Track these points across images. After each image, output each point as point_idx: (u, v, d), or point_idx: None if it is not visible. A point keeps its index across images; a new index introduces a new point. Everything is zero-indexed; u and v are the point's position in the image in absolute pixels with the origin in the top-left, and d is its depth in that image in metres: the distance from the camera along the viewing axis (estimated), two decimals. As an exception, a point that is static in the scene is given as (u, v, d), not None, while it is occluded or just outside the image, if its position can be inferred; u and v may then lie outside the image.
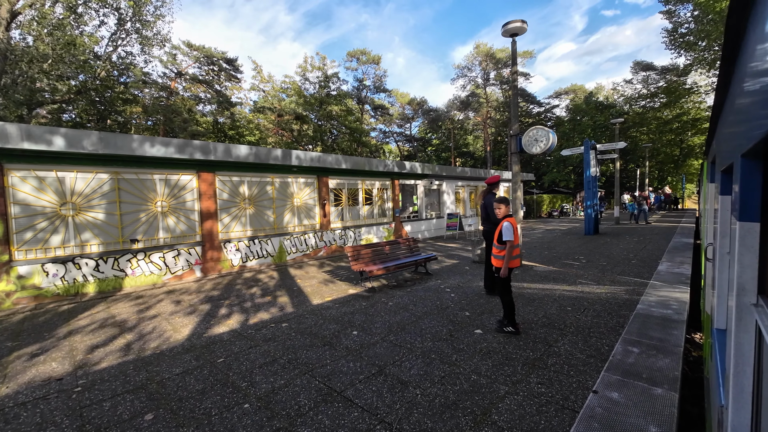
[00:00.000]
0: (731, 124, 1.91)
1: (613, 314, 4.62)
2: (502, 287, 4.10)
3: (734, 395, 1.42)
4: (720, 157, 2.66)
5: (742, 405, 1.40)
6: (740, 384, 1.40)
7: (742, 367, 1.40)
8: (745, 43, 1.42)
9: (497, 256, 4.11)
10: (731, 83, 1.96)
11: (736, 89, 1.74)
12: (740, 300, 1.41)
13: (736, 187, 1.48)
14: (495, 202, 4.27)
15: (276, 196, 10.26)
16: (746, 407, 1.39)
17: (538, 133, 7.42)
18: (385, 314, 5.01)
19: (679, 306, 4.75)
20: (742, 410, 1.40)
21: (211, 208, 8.78)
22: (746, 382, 1.38)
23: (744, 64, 1.43)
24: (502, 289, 4.10)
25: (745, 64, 1.40)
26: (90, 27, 22.47)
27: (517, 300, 5.38)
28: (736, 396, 1.41)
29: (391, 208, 14.12)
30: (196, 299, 6.39)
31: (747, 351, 1.39)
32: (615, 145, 14.14)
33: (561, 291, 5.82)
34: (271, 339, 4.25)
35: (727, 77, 2.00)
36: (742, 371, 1.40)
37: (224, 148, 8.51)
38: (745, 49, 1.40)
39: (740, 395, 1.40)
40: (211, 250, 8.78)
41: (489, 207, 5.68)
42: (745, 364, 1.39)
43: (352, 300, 5.85)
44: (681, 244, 9.91)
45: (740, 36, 1.48)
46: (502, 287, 4.10)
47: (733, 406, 1.44)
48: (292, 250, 10.54)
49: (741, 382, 1.40)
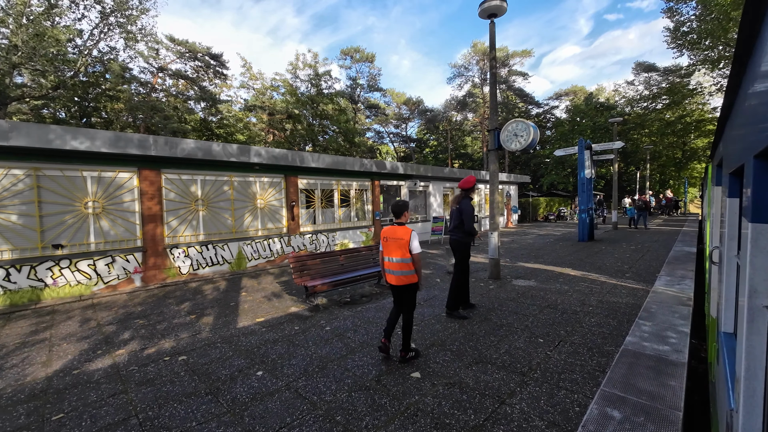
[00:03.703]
0: (742, 126, 1.85)
1: (594, 350, 3.65)
2: (414, 307, 3.64)
3: (745, 399, 1.39)
4: (728, 160, 2.54)
5: (753, 408, 1.37)
6: (752, 387, 1.36)
7: (754, 370, 1.35)
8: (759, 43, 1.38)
9: (401, 272, 3.47)
10: (742, 84, 1.87)
11: (747, 90, 1.68)
12: (752, 302, 1.36)
13: (747, 189, 1.46)
14: (399, 206, 3.56)
15: (235, 196, 9.31)
16: (758, 411, 1.35)
17: (517, 126, 6.45)
18: (313, 344, 4.04)
19: (678, 339, 3.76)
20: (754, 414, 1.37)
21: (155, 210, 7.84)
22: (758, 386, 1.35)
23: (757, 64, 1.40)
24: (413, 308, 3.64)
25: (758, 65, 1.37)
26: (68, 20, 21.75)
27: (482, 325, 4.41)
28: (747, 399, 1.38)
29: (370, 210, 13.17)
30: (109, 317, 5.44)
31: (759, 354, 1.34)
32: (612, 145, 13.15)
33: (536, 314, 4.84)
34: (148, 382, 3.29)
35: (738, 77, 1.92)
36: (754, 374, 1.35)
37: (166, 141, 7.57)
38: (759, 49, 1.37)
39: (752, 399, 1.37)
40: (154, 256, 7.83)
41: (466, 214, 4.76)
42: (756, 368, 1.35)
43: (285, 322, 4.89)
44: (683, 253, 8.90)
45: (753, 36, 1.43)
46: (413, 307, 3.62)
47: (744, 410, 1.40)
48: (254, 256, 9.59)
49: (752, 385, 1.36)
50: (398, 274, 3.45)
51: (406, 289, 3.50)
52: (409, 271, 3.42)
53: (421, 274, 3.47)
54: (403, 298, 3.55)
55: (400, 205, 3.54)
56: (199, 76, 26.09)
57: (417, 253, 3.39)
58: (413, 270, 3.42)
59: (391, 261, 3.48)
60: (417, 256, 3.40)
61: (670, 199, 25.45)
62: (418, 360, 3.55)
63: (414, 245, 3.38)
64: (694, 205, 38.43)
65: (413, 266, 3.41)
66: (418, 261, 3.41)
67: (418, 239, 3.42)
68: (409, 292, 3.52)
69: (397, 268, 3.44)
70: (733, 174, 2.22)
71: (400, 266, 3.43)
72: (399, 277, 3.45)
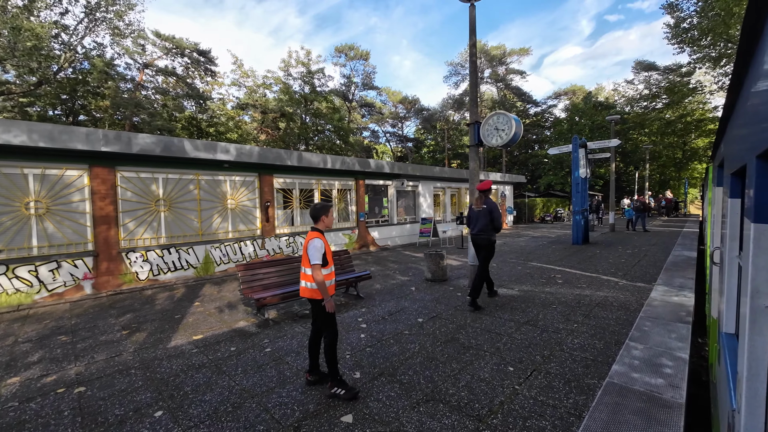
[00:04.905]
0: (744, 126, 1.81)
1: (572, 384, 3.02)
2: (330, 326, 2.95)
3: (747, 399, 1.38)
4: (730, 160, 2.54)
5: (755, 408, 1.36)
6: (754, 388, 1.36)
7: (756, 370, 1.35)
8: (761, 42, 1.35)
9: (305, 283, 3.01)
10: (744, 83, 1.80)
11: (750, 89, 1.61)
12: (754, 303, 1.35)
13: (749, 189, 1.46)
14: (316, 210, 3.03)
15: (202, 196, 8.68)
16: (760, 411, 1.35)
17: (498, 120, 5.82)
18: (242, 372, 3.41)
19: (674, 369, 3.14)
20: (756, 414, 1.37)
21: (109, 211, 7.22)
22: (760, 386, 1.34)
23: (759, 63, 1.38)
24: (330, 328, 2.95)
25: (760, 64, 1.36)
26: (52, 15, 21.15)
27: (446, 348, 3.78)
28: (750, 400, 1.38)
29: (355, 211, 12.53)
30: (33, 332, 4.82)
31: (761, 354, 1.33)
32: (608, 143, 12.51)
33: (512, 333, 4.21)
34: (17, 425, 2.66)
35: (740, 77, 1.86)
36: (756, 375, 1.35)
37: (118, 136, 6.94)
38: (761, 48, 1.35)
39: (754, 399, 1.37)
40: (107, 261, 7.20)
41: (496, 212, 5.13)
42: (758, 368, 1.34)
43: (225, 341, 4.26)
44: (682, 259, 8.27)
45: (756, 34, 1.39)
46: (329, 325, 2.95)
47: (746, 410, 1.40)
48: (223, 260, 8.96)
49: (755, 385, 1.36)
50: (303, 284, 3.01)
51: (315, 303, 2.97)
52: (312, 283, 2.90)
53: (324, 290, 2.85)
54: (317, 316, 3.03)
55: (318, 208, 3.02)
56: (188, 73, 25.47)
57: (314, 264, 2.81)
58: None
59: (303, 270, 3.01)
60: (315, 271, 2.81)
61: (670, 200, 24.78)
62: (371, 387, 2.95)
63: (310, 254, 2.83)
64: (695, 206, 37.75)
65: None
66: (317, 275, 2.81)
67: (319, 249, 2.84)
68: (318, 308, 2.96)
69: (302, 278, 3.01)
70: (735, 174, 2.21)
71: (304, 276, 2.99)
72: (303, 288, 3.01)
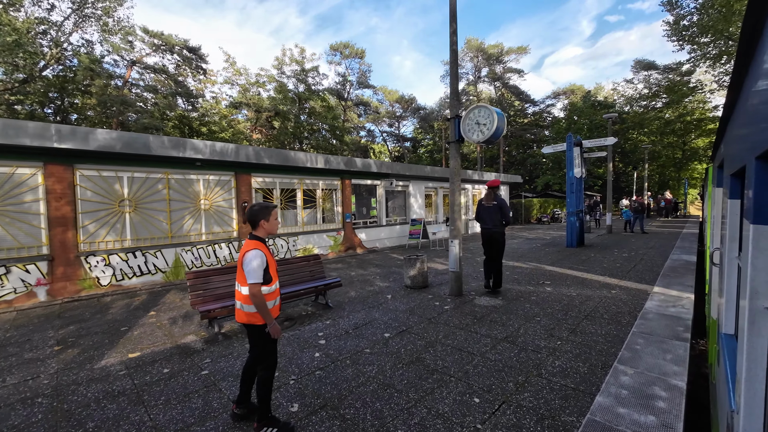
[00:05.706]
0: (744, 127, 1.81)
1: (545, 423, 2.53)
2: (268, 357, 2.44)
3: (746, 400, 1.38)
4: (729, 160, 2.47)
5: (754, 410, 1.36)
6: (753, 389, 1.36)
7: (755, 371, 1.34)
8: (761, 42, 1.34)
9: (240, 305, 2.44)
10: (745, 83, 1.80)
11: (750, 90, 1.62)
12: (753, 304, 1.34)
13: (749, 190, 1.45)
14: (254, 212, 2.46)
15: (172, 196, 8.19)
16: (759, 412, 1.35)
17: (479, 113, 5.33)
18: (164, 402, 2.92)
19: (669, 402, 2.65)
20: (755, 415, 1.36)
21: (66, 212, 6.73)
22: (759, 387, 1.34)
23: (759, 63, 1.38)
24: (267, 360, 2.44)
25: (760, 64, 1.36)
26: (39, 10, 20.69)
27: (408, 370, 3.29)
28: (749, 401, 1.37)
29: (341, 212, 12.05)
30: (-43, 347, 4.33)
31: (760, 355, 1.32)
32: (603, 141, 12.02)
33: (486, 352, 3.72)
34: None
35: (740, 77, 1.85)
36: (755, 376, 1.34)
37: (74, 132, 6.45)
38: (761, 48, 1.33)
39: (753, 400, 1.36)
40: (64, 265, 6.71)
41: (506, 207, 6.02)
42: (757, 369, 1.33)
43: (162, 359, 3.77)
44: (680, 263, 7.78)
45: (756, 34, 1.39)
46: (266, 357, 2.44)
47: (745, 411, 1.39)
48: (195, 264, 8.47)
49: (754, 386, 1.35)
50: (238, 306, 2.44)
51: (253, 329, 2.42)
52: (250, 306, 2.36)
53: (266, 314, 2.31)
54: (255, 343, 2.49)
55: (255, 210, 2.45)
56: (179, 71, 24.99)
57: (252, 283, 2.26)
58: None
59: (237, 288, 2.44)
60: (253, 291, 2.26)
61: (670, 200, 24.29)
62: (309, 422, 2.46)
63: (247, 271, 2.27)
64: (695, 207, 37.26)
65: None
66: (256, 295, 2.27)
67: (260, 264, 2.29)
68: (256, 334, 2.43)
69: (237, 298, 2.44)
70: (735, 175, 2.20)
71: (239, 296, 2.42)
72: (238, 311, 2.44)
